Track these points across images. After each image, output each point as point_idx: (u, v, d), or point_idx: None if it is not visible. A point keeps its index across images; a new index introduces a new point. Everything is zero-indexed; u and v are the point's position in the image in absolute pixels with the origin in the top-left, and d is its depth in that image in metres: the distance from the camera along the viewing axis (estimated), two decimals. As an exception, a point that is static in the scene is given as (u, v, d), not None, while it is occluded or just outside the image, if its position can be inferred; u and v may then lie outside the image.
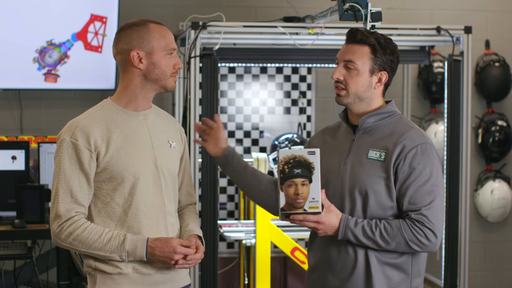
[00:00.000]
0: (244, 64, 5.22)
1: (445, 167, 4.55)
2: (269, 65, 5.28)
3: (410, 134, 2.56)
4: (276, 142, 4.84)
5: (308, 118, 5.50)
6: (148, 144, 2.65)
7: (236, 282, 5.33)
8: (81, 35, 5.00)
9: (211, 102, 4.29)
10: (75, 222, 2.55)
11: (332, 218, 2.49)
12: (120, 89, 2.68)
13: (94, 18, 4.99)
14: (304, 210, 2.44)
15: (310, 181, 2.43)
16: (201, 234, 2.70)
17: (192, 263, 2.60)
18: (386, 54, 2.59)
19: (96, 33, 5.01)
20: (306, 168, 2.44)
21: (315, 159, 2.44)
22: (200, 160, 4.34)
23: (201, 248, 2.62)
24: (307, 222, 2.46)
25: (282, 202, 2.44)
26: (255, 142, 5.47)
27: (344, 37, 4.28)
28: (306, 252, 4.43)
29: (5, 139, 4.76)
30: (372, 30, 2.63)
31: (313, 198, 2.43)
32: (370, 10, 3.59)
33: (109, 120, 2.63)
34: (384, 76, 2.61)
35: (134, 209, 2.60)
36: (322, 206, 2.47)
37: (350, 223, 2.50)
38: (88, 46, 5.02)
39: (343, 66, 2.59)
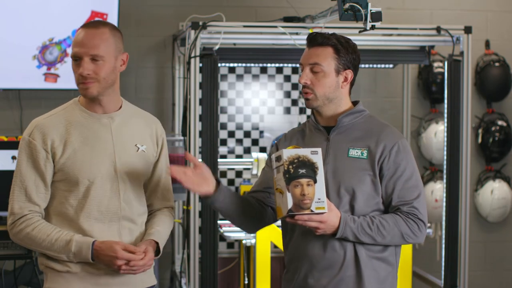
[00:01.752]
0: (244, 64, 5.23)
1: (445, 167, 4.55)
2: (269, 65, 5.28)
3: (388, 132, 2.64)
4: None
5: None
6: (109, 147, 2.62)
7: (236, 282, 5.33)
8: None
9: (211, 102, 4.28)
10: (27, 221, 2.58)
11: (332, 217, 2.50)
12: None
13: (94, 14, 4.99)
14: (311, 210, 2.44)
15: (315, 181, 2.43)
16: (160, 239, 2.65)
17: (136, 270, 2.56)
18: (349, 53, 2.64)
19: (96, 30, 5.01)
20: (310, 168, 2.44)
21: (318, 159, 2.45)
22: (200, 160, 4.33)
23: (149, 254, 2.57)
24: (311, 222, 2.47)
25: (290, 203, 2.43)
26: (255, 142, 5.47)
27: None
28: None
29: (5, 139, 4.76)
30: (331, 32, 2.69)
31: (319, 199, 2.44)
32: (370, 10, 3.59)
33: (70, 121, 2.61)
34: (350, 74, 2.66)
35: (86, 212, 2.59)
36: None
37: (349, 221, 2.53)
38: (89, 43, 5.02)
39: (309, 70, 2.63)
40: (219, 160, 4.36)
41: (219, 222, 4.48)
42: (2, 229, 4.08)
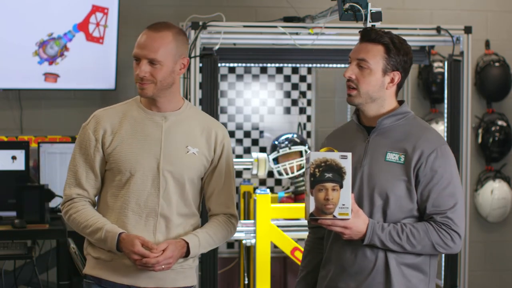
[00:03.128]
0: (244, 64, 5.22)
1: (445, 167, 4.55)
2: (269, 65, 5.28)
3: (428, 136, 2.55)
4: (276, 142, 4.84)
5: (308, 118, 5.50)
6: (156, 144, 2.68)
7: (236, 282, 5.33)
8: (82, 26, 4.99)
9: (211, 102, 4.28)
10: (73, 204, 2.70)
11: (359, 223, 2.46)
12: None
13: (95, 9, 4.99)
14: (334, 216, 2.40)
15: (341, 187, 2.39)
16: (192, 241, 2.66)
17: (150, 267, 2.58)
18: (400, 55, 2.56)
19: (97, 24, 5.00)
20: (337, 173, 2.39)
21: (347, 164, 2.40)
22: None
23: (166, 253, 2.58)
24: (335, 227, 2.44)
25: (312, 206, 2.40)
26: (255, 142, 5.47)
27: (344, 37, 4.26)
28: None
29: (5, 139, 4.77)
30: (386, 30, 2.60)
31: (343, 204, 2.40)
32: (370, 10, 3.59)
33: (125, 115, 2.71)
34: (397, 76, 2.58)
35: (124, 203, 2.66)
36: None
37: (377, 229, 2.47)
38: (90, 37, 5.01)
39: (356, 65, 2.56)
40: (219, 160, 4.36)
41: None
42: (2, 229, 4.09)
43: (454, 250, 2.53)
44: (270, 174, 5.07)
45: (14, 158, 4.42)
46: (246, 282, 4.89)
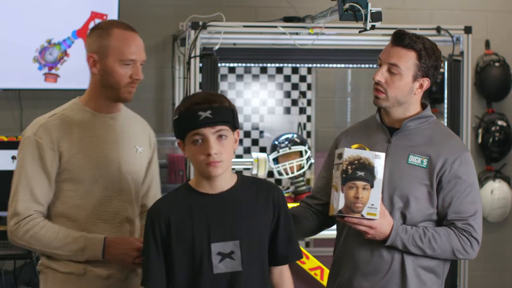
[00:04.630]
0: (244, 64, 5.22)
1: (445, 167, 4.55)
2: (269, 65, 5.28)
3: (451, 143, 2.56)
4: (276, 142, 4.84)
5: (308, 118, 5.49)
6: (114, 147, 2.60)
7: (236, 282, 5.32)
8: (81, 32, 4.99)
9: (211, 102, 4.28)
10: (33, 220, 2.51)
11: (384, 224, 2.45)
12: (87, 90, 2.66)
13: (94, 15, 4.98)
14: (362, 215, 2.39)
15: (372, 186, 2.38)
16: None
17: None
18: (431, 60, 2.55)
19: (97, 30, 5.00)
20: (369, 172, 2.38)
21: (379, 164, 2.39)
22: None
23: None
24: (360, 226, 2.43)
25: (341, 203, 2.39)
26: (255, 142, 5.47)
27: (344, 37, 4.25)
28: (306, 252, 4.42)
29: (5, 139, 4.76)
30: (418, 34, 2.58)
31: (372, 205, 2.38)
32: (370, 10, 3.59)
33: (74, 120, 2.58)
34: (426, 82, 2.57)
35: (90, 211, 2.55)
36: None
37: (400, 231, 2.47)
38: (89, 44, 5.01)
39: (387, 69, 2.55)
40: (219, 160, 4.35)
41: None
42: (2, 229, 4.09)
43: (471, 256, 2.55)
44: (270, 174, 5.07)
45: (14, 158, 4.42)
46: (246, 282, 4.87)
